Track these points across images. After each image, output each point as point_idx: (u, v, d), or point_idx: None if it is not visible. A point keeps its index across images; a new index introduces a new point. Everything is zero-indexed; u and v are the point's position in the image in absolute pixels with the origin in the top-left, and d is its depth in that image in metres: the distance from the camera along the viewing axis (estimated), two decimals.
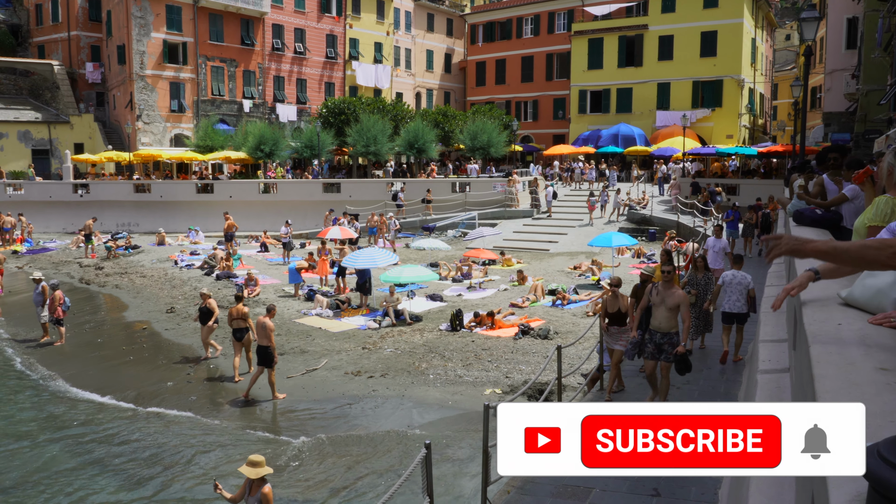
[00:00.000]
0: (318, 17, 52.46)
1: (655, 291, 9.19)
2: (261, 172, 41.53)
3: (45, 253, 31.89)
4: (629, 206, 32.99)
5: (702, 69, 47.26)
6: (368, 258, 19.60)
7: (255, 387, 13.29)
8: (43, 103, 48.20)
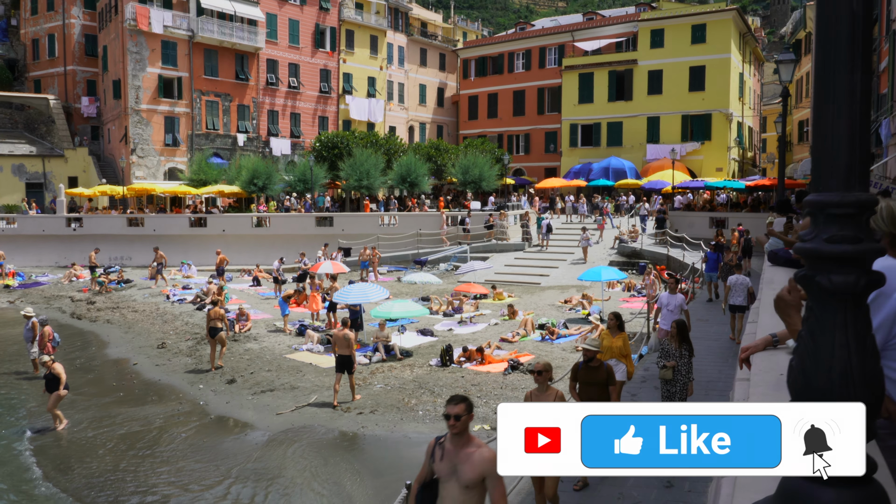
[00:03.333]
0: (312, 52, 53.15)
1: (440, 453, 5.09)
2: (254, 206, 41.74)
3: (38, 287, 31.91)
4: (619, 240, 33.27)
5: (691, 103, 47.98)
6: (360, 293, 19.70)
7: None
8: (38, 137, 48.53)
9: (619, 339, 10.66)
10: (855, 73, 1.41)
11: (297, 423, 13.66)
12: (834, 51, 1.44)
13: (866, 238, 1.45)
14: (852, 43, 1.41)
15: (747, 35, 52.10)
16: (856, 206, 1.44)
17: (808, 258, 1.50)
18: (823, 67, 1.45)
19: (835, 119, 1.44)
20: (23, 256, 36.23)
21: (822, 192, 1.47)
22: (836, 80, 1.43)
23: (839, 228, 1.44)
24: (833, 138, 1.44)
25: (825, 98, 1.45)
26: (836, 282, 1.45)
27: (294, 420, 13.84)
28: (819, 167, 1.48)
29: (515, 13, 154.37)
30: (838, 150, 1.44)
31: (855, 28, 1.41)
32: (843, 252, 1.44)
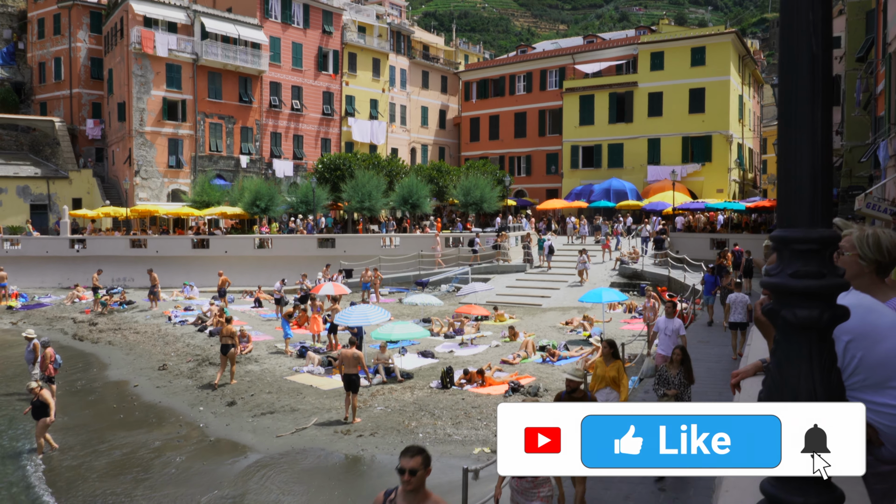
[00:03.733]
0: (314, 74, 53.56)
1: None
2: (256, 228, 41.87)
3: (40, 308, 31.96)
4: (620, 261, 33.29)
5: (691, 125, 48.19)
6: (361, 315, 19.72)
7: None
8: (43, 159, 48.85)
9: (612, 368, 10.26)
10: (815, 112, 1.46)
11: (297, 446, 13.63)
12: (795, 91, 1.48)
13: (830, 273, 1.49)
14: (812, 83, 1.46)
15: (746, 57, 52.45)
16: (819, 242, 1.47)
17: (774, 292, 1.53)
18: (786, 107, 1.50)
19: (797, 157, 1.48)
20: (26, 278, 36.32)
21: (786, 228, 1.51)
22: (798, 120, 1.48)
23: (803, 264, 1.48)
24: (796, 176, 1.48)
25: (788, 137, 1.50)
26: (801, 316, 1.48)
27: (294, 443, 13.80)
28: (784, 204, 1.52)
29: (517, 36, 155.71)
30: (801, 188, 1.48)
31: (815, 69, 1.45)
32: (807, 287, 1.48)
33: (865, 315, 2.37)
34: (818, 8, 1.42)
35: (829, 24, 1.47)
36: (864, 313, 2.38)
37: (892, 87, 19.85)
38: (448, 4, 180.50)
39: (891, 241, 2.70)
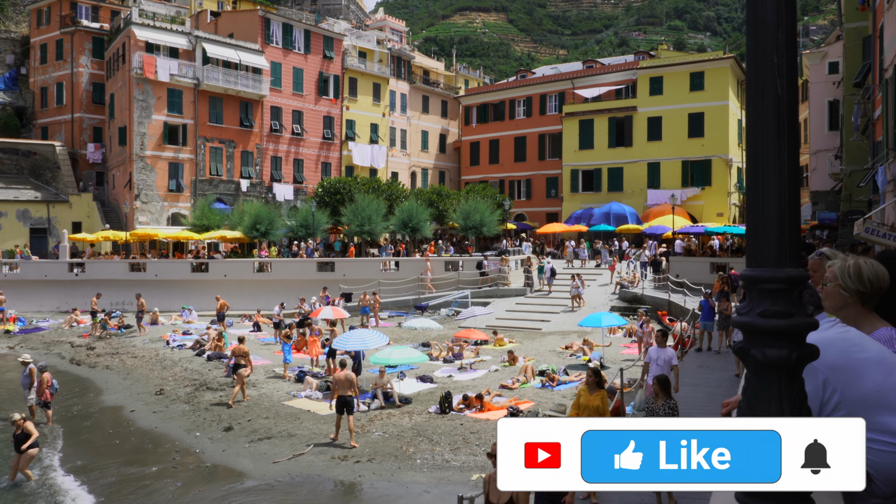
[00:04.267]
0: (315, 99, 53.91)
1: None
2: (256, 251, 41.90)
3: (38, 332, 31.90)
4: (620, 285, 33.26)
5: (690, 149, 48.40)
6: (359, 340, 19.68)
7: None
8: (43, 183, 49.05)
9: (597, 398, 9.91)
10: (782, 153, 1.47)
11: (294, 472, 13.53)
12: (762, 132, 1.50)
13: (798, 313, 1.49)
14: (778, 124, 1.47)
15: (745, 82, 52.73)
16: (787, 282, 1.48)
17: (744, 331, 1.54)
18: (752, 148, 1.51)
19: (765, 197, 1.49)
20: (25, 302, 36.31)
21: (755, 268, 1.52)
22: (765, 160, 1.49)
23: (771, 303, 1.49)
24: (763, 216, 1.49)
25: (755, 177, 1.51)
26: (770, 355, 1.49)
27: (291, 469, 13.71)
28: (752, 243, 1.53)
29: (517, 61, 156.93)
30: (769, 228, 1.49)
31: (780, 111, 1.47)
32: (775, 326, 1.48)
33: (846, 349, 2.36)
34: (783, 52, 1.44)
35: (795, 66, 1.49)
36: (845, 347, 2.37)
37: (890, 113, 19.96)
38: (448, 30, 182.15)
39: (872, 270, 2.68)
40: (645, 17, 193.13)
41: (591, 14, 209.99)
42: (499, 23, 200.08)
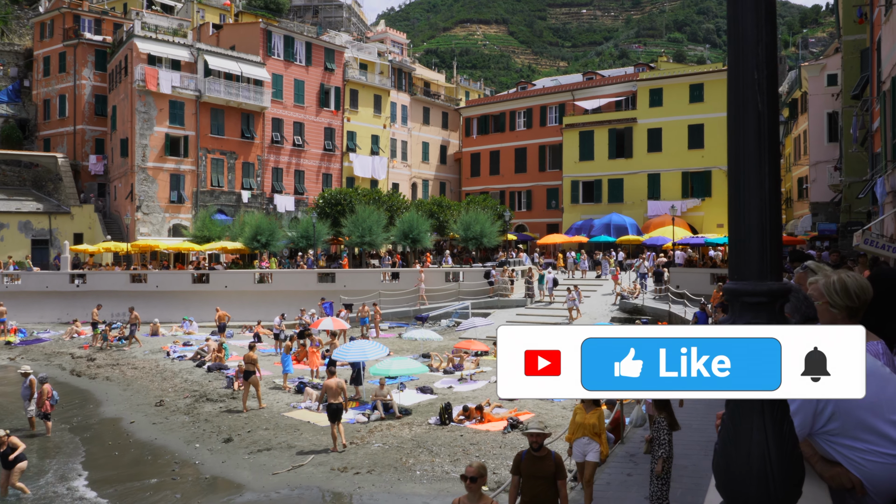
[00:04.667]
0: (316, 111, 54.09)
1: None
2: (256, 262, 41.92)
3: (39, 344, 31.88)
4: (621, 296, 33.23)
5: (690, 160, 48.49)
6: (359, 351, 19.67)
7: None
8: (45, 194, 49.15)
9: (593, 415, 9.60)
10: (762, 167, 1.49)
11: (293, 484, 13.50)
12: (742, 147, 1.52)
13: (780, 325, 1.50)
14: (759, 139, 1.49)
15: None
16: (768, 295, 1.50)
17: None
18: (733, 163, 1.53)
19: (746, 212, 1.51)
20: (26, 313, 36.31)
21: (737, 281, 1.53)
22: (747, 174, 1.51)
23: (753, 316, 1.50)
24: (745, 229, 1.51)
25: (736, 192, 1.53)
26: None
27: (290, 480, 13.67)
28: (734, 257, 1.55)
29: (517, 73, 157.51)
30: (750, 241, 1.51)
31: (761, 126, 1.49)
32: None
33: None
34: (763, 67, 1.46)
35: (775, 82, 1.51)
36: None
37: (888, 124, 20.01)
38: (449, 42, 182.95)
39: (858, 284, 2.70)
40: (645, 29, 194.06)
41: (592, 26, 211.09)
42: (499, 35, 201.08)
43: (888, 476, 2.40)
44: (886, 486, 2.41)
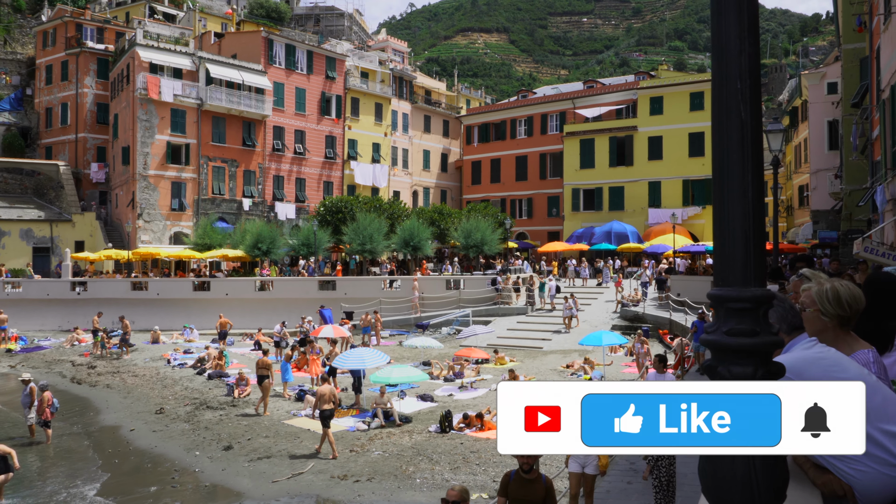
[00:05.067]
0: (317, 119, 54.23)
1: None
2: (257, 270, 41.95)
3: (39, 351, 31.89)
4: (622, 304, 33.23)
5: (691, 168, 48.54)
6: (359, 359, 19.68)
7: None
8: (47, 202, 49.25)
9: None
10: (746, 176, 1.52)
11: (293, 492, 13.49)
12: (726, 156, 1.54)
13: (764, 331, 1.53)
14: (742, 148, 1.52)
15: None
16: (752, 301, 1.52)
17: (711, 349, 1.57)
18: (719, 171, 1.56)
19: (730, 219, 1.53)
20: (27, 321, 36.34)
21: (721, 287, 1.56)
22: (730, 183, 1.53)
23: (737, 322, 1.52)
24: (729, 236, 1.53)
25: (720, 200, 1.55)
26: (735, 373, 1.52)
27: (290, 488, 13.66)
28: (718, 264, 1.57)
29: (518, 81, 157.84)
30: (734, 248, 1.53)
31: (744, 135, 1.51)
32: (740, 345, 1.52)
33: (828, 368, 2.39)
34: (746, 77, 1.49)
35: (758, 91, 1.53)
36: (827, 367, 2.40)
37: (887, 132, 20.05)
38: (450, 50, 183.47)
39: (850, 293, 2.71)
40: (645, 37, 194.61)
41: (592, 35, 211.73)
42: (500, 43, 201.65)
43: (878, 484, 2.41)
44: (877, 495, 2.42)
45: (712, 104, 1.55)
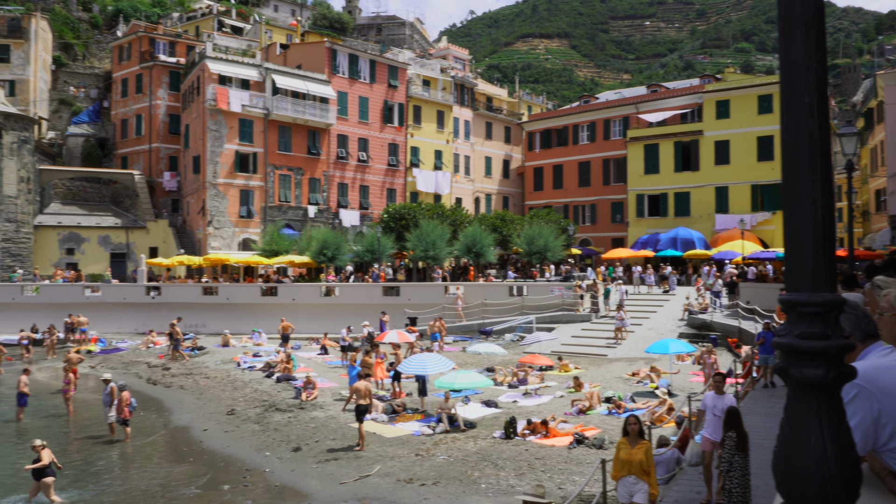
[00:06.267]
0: (380, 127, 54.98)
1: None
2: (323, 276, 42.72)
3: (117, 353, 33.21)
4: (689, 311, 32.61)
5: (760, 173, 47.35)
6: (420, 364, 19.88)
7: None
8: (123, 210, 51.33)
9: (639, 451, 8.85)
10: (815, 185, 1.58)
11: (360, 494, 13.72)
12: (796, 167, 1.62)
13: (835, 335, 1.59)
14: (811, 159, 1.59)
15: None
16: (823, 306, 1.58)
17: (783, 352, 1.64)
18: (788, 181, 1.63)
19: (800, 227, 1.60)
20: (105, 323, 37.86)
21: (793, 293, 1.63)
22: (799, 194, 1.60)
23: (809, 326, 1.59)
24: (799, 243, 1.60)
25: (790, 208, 1.62)
26: (808, 375, 1.59)
27: (357, 490, 13.90)
28: (789, 269, 1.64)
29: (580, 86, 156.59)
30: (805, 254, 1.60)
31: (812, 147, 1.59)
32: (812, 348, 1.58)
33: None
34: (814, 91, 1.56)
35: (826, 104, 1.60)
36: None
37: None
38: (511, 57, 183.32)
39: None
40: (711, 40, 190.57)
41: (655, 38, 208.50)
42: (561, 49, 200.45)
43: None
44: None
45: (781, 117, 1.62)
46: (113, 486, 14.77)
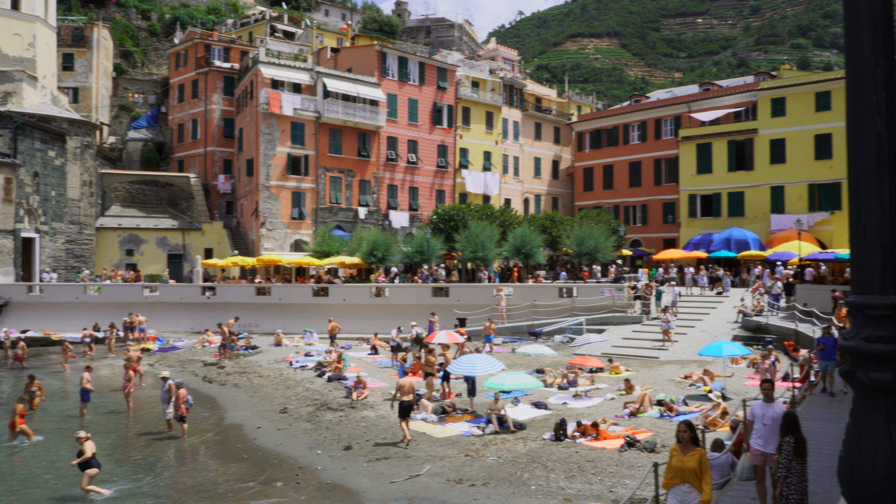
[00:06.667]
0: (429, 129, 55.19)
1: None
2: (373, 276, 43.05)
3: (174, 351, 34.05)
4: (743, 314, 31.93)
5: (818, 172, 46.12)
6: (468, 365, 19.89)
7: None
8: (179, 212, 52.63)
9: (692, 458, 8.47)
10: (883, 186, 1.54)
11: (410, 493, 13.80)
12: (863, 167, 1.58)
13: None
14: (878, 159, 1.55)
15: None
16: (890, 309, 1.54)
17: (850, 355, 1.61)
18: (854, 182, 1.60)
19: (867, 229, 1.57)
20: (163, 322, 38.85)
21: (860, 295, 1.59)
22: (867, 194, 1.57)
23: (875, 328, 1.55)
24: (866, 245, 1.57)
25: (857, 209, 1.59)
26: (875, 378, 1.55)
27: (407, 490, 13.98)
28: (856, 272, 1.60)
29: (630, 85, 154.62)
30: (872, 258, 1.56)
31: (880, 145, 1.54)
32: (879, 351, 1.55)
33: None
34: (881, 90, 1.52)
35: (893, 104, 1.56)
36: None
37: None
38: (560, 57, 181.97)
39: None
40: (765, 36, 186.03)
41: (708, 35, 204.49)
42: (611, 48, 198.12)
43: None
44: None
45: (847, 116, 1.59)
46: (170, 480, 15.16)
